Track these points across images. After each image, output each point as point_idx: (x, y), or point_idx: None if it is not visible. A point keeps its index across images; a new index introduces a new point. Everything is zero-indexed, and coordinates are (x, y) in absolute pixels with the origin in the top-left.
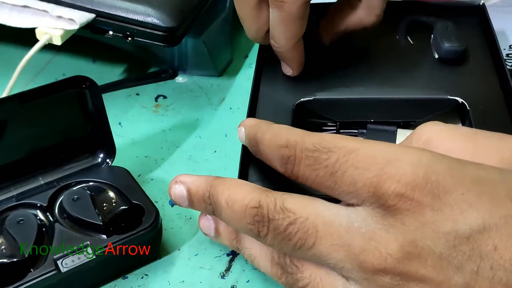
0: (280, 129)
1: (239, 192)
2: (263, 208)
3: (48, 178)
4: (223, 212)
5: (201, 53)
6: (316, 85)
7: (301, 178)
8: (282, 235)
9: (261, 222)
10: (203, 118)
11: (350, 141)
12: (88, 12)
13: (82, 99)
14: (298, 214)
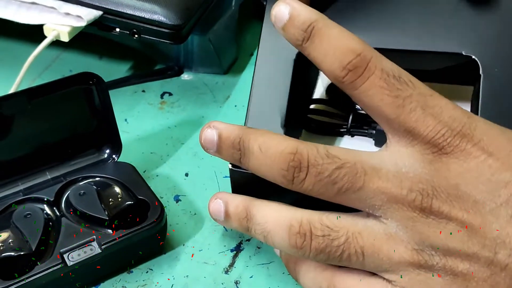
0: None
1: (274, 139)
2: (302, 154)
3: (55, 173)
4: (252, 158)
5: (206, 51)
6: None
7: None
8: (326, 180)
9: (297, 167)
10: (208, 115)
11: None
12: (96, 9)
13: (89, 95)
14: (345, 160)
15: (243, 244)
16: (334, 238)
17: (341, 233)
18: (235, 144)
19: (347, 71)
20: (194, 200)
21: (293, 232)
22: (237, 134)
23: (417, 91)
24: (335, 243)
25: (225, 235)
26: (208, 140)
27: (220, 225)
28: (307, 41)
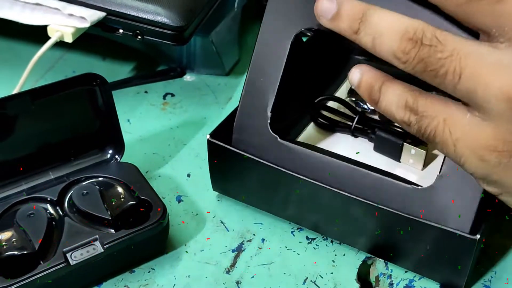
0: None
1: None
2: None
3: (58, 173)
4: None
5: (209, 52)
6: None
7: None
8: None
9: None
10: (210, 116)
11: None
12: (99, 11)
13: (92, 96)
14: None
15: (245, 244)
16: (439, 50)
17: (447, 48)
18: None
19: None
20: (196, 201)
21: (406, 37)
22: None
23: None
24: (438, 56)
25: (226, 235)
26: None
27: (222, 226)
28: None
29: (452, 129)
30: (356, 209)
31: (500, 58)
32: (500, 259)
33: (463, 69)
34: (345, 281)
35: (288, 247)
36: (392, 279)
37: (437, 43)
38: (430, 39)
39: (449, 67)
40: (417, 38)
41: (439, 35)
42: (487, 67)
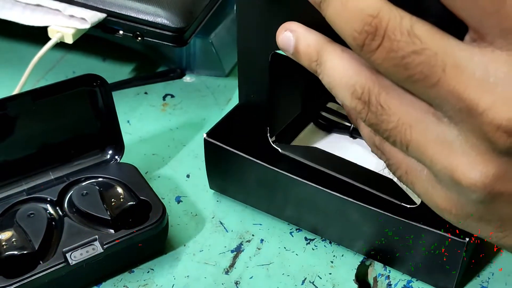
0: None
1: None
2: (382, 20)
3: (58, 173)
4: (332, 5)
5: (209, 54)
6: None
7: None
8: (398, 60)
9: (372, 34)
10: (209, 117)
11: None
12: (100, 12)
13: (92, 97)
14: (426, 45)
15: (244, 245)
16: (385, 120)
17: (392, 119)
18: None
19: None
20: (195, 201)
21: (355, 97)
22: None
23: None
24: (384, 127)
25: (225, 236)
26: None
27: (221, 226)
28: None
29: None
30: (352, 211)
31: (444, 133)
32: (498, 260)
33: (409, 141)
34: (343, 281)
35: (287, 247)
36: (390, 280)
37: (382, 111)
38: (375, 105)
39: (396, 138)
40: (364, 99)
41: (383, 101)
42: (432, 141)
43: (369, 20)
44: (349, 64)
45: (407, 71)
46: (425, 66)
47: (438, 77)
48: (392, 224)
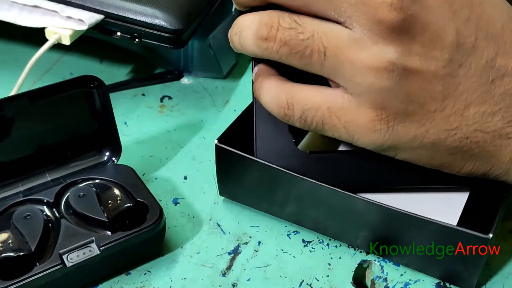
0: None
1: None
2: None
3: (55, 175)
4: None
5: (206, 55)
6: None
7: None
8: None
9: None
10: (207, 119)
11: None
12: (97, 13)
13: (90, 98)
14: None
15: (241, 247)
16: (300, 32)
17: (308, 29)
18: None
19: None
20: (192, 203)
21: (263, 23)
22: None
23: None
24: (300, 37)
25: (222, 238)
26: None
27: (218, 228)
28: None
29: (338, 114)
30: (357, 205)
31: (352, 35)
32: (495, 263)
33: (326, 48)
34: (341, 284)
35: (284, 249)
36: (387, 282)
37: (296, 25)
38: (289, 22)
39: (313, 47)
40: (273, 22)
41: (297, 18)
42: (346, 45)
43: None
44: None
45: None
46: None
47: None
48: (399, 218)
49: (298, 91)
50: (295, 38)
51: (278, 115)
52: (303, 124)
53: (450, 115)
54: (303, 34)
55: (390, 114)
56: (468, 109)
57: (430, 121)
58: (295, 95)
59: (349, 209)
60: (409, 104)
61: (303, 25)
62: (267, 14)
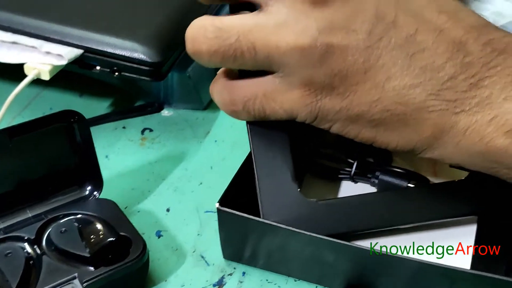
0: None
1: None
2: (203, 30)
3: (36, 211)
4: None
5: (186, 87)
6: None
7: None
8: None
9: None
10: (188, 150)
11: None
12: (76, 48)
13: (70, 133)
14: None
15: (225, 278)
16: (225, 38)
17: (232, 33)
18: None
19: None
20: (175, 235)
21: (188, 38)
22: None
23: None
24: (227, 42)
25: (207, 270)
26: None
27: (202, 260)
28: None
29: (274, 98)
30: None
31: (275, 20)
32: None
33: (254, 43)
34: None
35: (269, 280)
36: None
37: (221, 32)
38: (213, 31)
39: (242, 47)
40: (197, 36)
41: (219, 24)
42: (271, 32)
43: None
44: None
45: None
46: None
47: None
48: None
49: (236, 86)
50: (223, 45)
51: (227, 113)
52: (248, 115)
53: (371, 87)
54: (229, 39)
55: (317, 88)
56: (389, 82)
57: (354, 94)
58: (235, 90)
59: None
60: (333, 77)
61: (227, 29)
62: (191, 29)
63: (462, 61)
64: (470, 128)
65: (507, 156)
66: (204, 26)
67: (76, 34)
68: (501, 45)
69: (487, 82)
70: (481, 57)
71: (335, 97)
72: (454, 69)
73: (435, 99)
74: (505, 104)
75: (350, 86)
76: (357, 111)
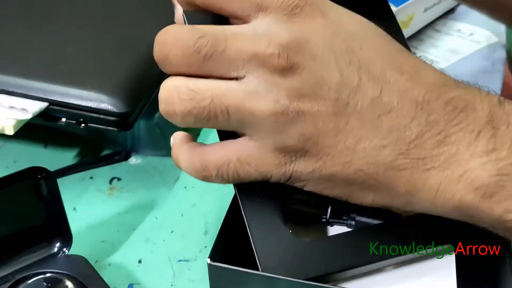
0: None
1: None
2: (176, 92)
3: (3, 272)
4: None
5: (154, 134)
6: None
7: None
8: (192, 49)
9: (167, 45)
10: (158, 198)
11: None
12: (41, 101)
13: (37, 189)
14: (205, 31)
15: None
16: (200, 99)
17: (206, 95)
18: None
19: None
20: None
21: (162, 99)
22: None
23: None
24: (202, 105)
25: None
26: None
27: None
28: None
29: (249, 162)
30: None
31: (248, 88)
32: None
33: (228, 107)
34: None
35: None
36: None
37: (195, 94)
38: (187, 93)
39: (215, 110)
40: (171, 97)
41: (193, 86)
42: (244, 97)
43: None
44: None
45: (200, 53)
46: (212, 42)
47: (224, 44)
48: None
49: (208, 152)
50: (197, 106)
51: (198, 178)
52: (222, 180)
53: (343, 149)
54: (203, 101)
55: (291, 151)
56: (359, 144)
57: (326, 155)
58: (206, 156)
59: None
60: (306, 141)
61: (201, 91)
62: (164, 90)
63: (426, 119)
64: (442, 184)
65: (479, 212)
66: (177, 87)
67: (40, 87)
68: (462, 103)
69: (453, 139)
70: (444, 114)
71: (308, 159)
72: (420, 128)
73: (405, 157)
74: (472, 160)
75: (323, 148)
76: (331, 172)
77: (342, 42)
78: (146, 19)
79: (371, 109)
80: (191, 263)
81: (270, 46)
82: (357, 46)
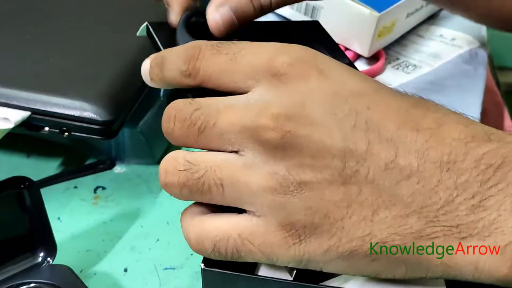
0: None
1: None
2: (174, 163)
3: None
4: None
5: (138, 143)
6: None
7: (203, 72)
8: (188, 122)
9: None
10: (143, 207)
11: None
12: (23, 110)
13: (20, 199)
14: (202, 104)
15: None
16: (194, 171)
17: (201, 166)
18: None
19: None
20: None
21: (162, 170)
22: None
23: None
24: (196, 176)
25: None
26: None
27: None
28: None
29: (251, 239)
30: None
31: (244, 161)
32: None
33: (222, 180)
34: None
35: None
36: None
37: (190, 165)
38: (183, 164)
39: (209, 182)
40: (169, 169)
41: (190, 158)
42: (239, 170)
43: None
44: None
45: (195, 125)
46: (205, 114)
47: (216, 117)
48: None
49: (206, 224)
50: (191, 178)
51: (195, 251)
52: (219, 256)
53: (359, 221)
54: (197, 172)
55: (298, 228)
56: (377, 214)
57: (341, 230)
58: (203, 229)
59: None
60: (314, 215)
61: (196, 163)
62: (165, 161)
63: (455, 181)
64: (484, 256)
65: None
66: (176, 159)
67: (22, 96)
68: (496, 160)
69: (491, 202)
70: (477, 174)
71: (320, 235)
72: (448, 192)
73: (434, 225)
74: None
75: (335, 221)
76: (349, 248)
77: (345, 102)
78: (128, 27)
79: (387, 175)
80: (177, 271)
81: (260, 117)
82: (363, 106)
